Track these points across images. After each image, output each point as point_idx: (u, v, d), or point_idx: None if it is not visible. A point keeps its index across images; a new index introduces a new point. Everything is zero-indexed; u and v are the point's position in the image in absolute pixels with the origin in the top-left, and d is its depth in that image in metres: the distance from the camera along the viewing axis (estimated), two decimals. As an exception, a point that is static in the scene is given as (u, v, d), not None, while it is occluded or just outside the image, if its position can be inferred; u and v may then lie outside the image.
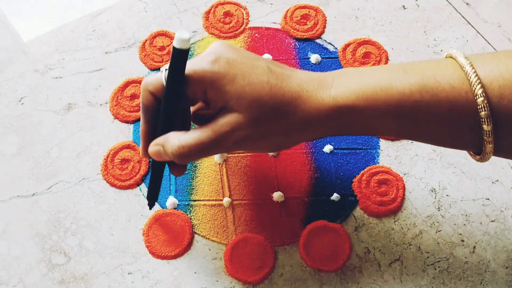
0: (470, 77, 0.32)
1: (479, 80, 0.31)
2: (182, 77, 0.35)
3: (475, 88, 0.31)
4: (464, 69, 0.32)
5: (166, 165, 0.41)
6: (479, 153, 0.34)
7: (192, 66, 0.35)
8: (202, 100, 0.37)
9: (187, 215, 0.46)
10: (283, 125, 0.35)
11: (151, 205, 0.45)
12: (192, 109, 0.41)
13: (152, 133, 0.39)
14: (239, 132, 0.35)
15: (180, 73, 0.35)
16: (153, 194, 0.44)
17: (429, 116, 0.33)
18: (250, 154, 0.49)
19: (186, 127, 0.40)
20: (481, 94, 0.31)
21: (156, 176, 0.42)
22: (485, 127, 0.32)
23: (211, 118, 0.37)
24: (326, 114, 0.35)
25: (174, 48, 0.33)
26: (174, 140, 0.36)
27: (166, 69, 0.36)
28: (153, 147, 0.38)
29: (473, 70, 0.32)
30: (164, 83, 0.35)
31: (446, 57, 0.35)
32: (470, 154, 0.36)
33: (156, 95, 0.37)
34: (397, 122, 0.34)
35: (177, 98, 0.36)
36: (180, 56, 0.34)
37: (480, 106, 0.31)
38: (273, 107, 0.34)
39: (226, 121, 0.35)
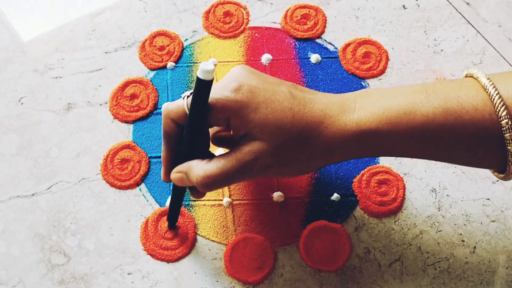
0: (493, 99, 0.32)
1: (502, 102, 0.31)
2: (206, 106, 0.35)
3: (499, 110, 0.31)
4: (487, 90, 0.32)
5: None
6: (502, 172, 0.34)
7: (215, 94, 0.35)
8: (223, 126, 0.37)
9: (191, 213, 0.46)
10: (306, 151, 0.35)
11: (171, 227, 0.45)
12: (211, 131, 0.41)
13: (173, 158, 0.39)
14: (263, 160, 0.35)
15: (204, 102, 0.34)
16: (174, 217, 0.44)
17: (453, 139, 0.33)
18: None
19: (206, 149, 0.40)
20: (505, 116, 0.31)
21: (177, 199, 0.42)
22: (510, 148, 0.32)
23: (230, 140, 0.37)
24: (350, 139, 0.35)
25: (198, 78, 0.33)
26: (198, 170, 0.36)
27: (187, 96, 0.36)
28: (176, 174, 0.38)
29: (496, 91, 0.32)
30: (187, 110, 0.35)
31: (466, 76, 0.35)
32: (493, 172, 0.36)
33: (178, 122, 0.37)
34: (420, 146, 0.34)
35: (200, 126, 0.36)
36: (204, 87, 0.34)
37: (504, 128, 0.31)
38: (297, 134, 0.34)
39: (250, 149, 0.35)
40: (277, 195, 0.47)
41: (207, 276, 0.44)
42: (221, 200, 0.47)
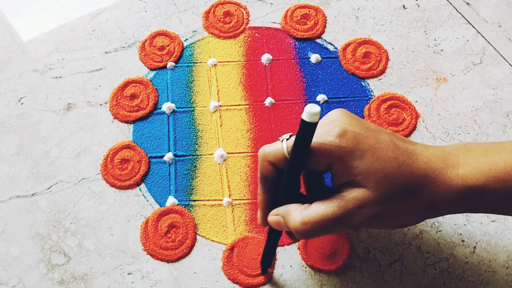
0: None
1: None
2: (308, 150, 0.34)
3: None
4: None
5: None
6: None
7: (317, 139, 0.34)
8: (323, 170, 0.36)
9: (190, 213, 0.46)
10: (411, 204, 0.34)
11: (264, 271, 0.44)
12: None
13: (270, 201, 0.38)
14: (367, 210, 0.33)
15: (306, 145, 0.33)
16: (268, 261, 0.43)
17: None
18: (250, 153, 0.49)
19: (298, 190, 0.38)
20: None
21: (272, 243, 0.41)
22: None
23: (320, 177, 0.37)
24: (455, 194, 0.34)
25: (302, 120, 0.32)
26: (296, 215, 0.35)
27: (286, 139, 0.35)
28: (273, 217, 0.37)
29: None
30: (286, 154, 0.35)
31: None
32: None
33: (276, 166, 0.36)
34: None
35: (300, 170, 0.35)
36: (308, 129, 0.32)
37: None
38: (403, 185, 0.33)
39: (354, 196, 0.33)
40: (277, 195, 0.47)
41: (207, 276, 0.44)
42: (221, 200, 0.47)
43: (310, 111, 0.31)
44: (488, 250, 0.45)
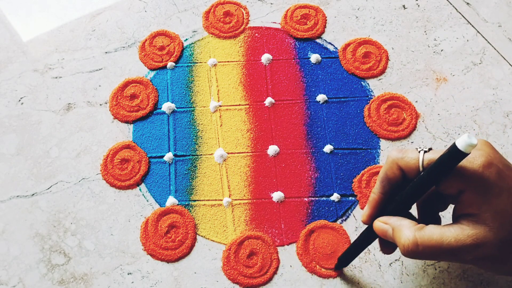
0: None
1: None
2: (446, 175, 0.33)
3: None
4: None
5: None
6: None
7: (461, 163, 0.32)
8: (448, 194, 0.34)
9: (190, 213, 0.46)
10: None
11: (338, 267, 0.43)
12: None
13: (383, 204, 0.37)
14: (484, 250, 0.32)
15: (447, 170, 0.32)
16: (348, 259, 0.42)
17: None
18: (250, 153, 0.49)
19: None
20: None
21: (362, 244, 0.40)
22: None
23: (438, 202, 0.36)
24: None
25: (455, 147, 0.30)
26: (409, 233, 0.33)
27: (424, 151, 0.34)
28: (382, 225, 0.36)
29: None
30: (421, 167, 0.34)
31: None
32: None
33: (404, 172, 0.35)
34: None
35: (429, 188, 0.34)
36: (457, 158, 0.31)
37: None
38: None
39: (475, 233, 0.32)
40: (277, 195, 0.47)
41: (207, 276, 0.44)
42: (221, 200, 0.47)
43: (468, 142, 0.30)
44: (488, 250, 0.45)
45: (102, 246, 0.45)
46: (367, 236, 0.39)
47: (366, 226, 0.39)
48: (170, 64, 0.53)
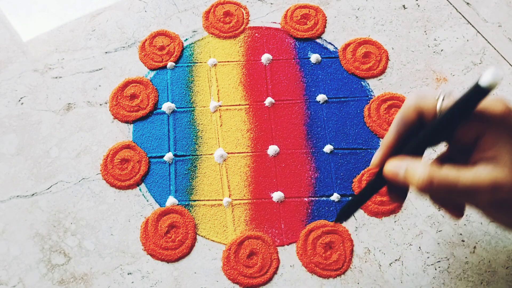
0: None
1: None
2: (467, 116, 0.32)
3: None
4: None
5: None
6: None
7: (483, 105, 0.31)
8: (462, 143, 0.34)
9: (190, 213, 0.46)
10: None
11: (339, 220, 0.40)
12: None
13: (396, 147, 0.35)
14: (501, 192, 0.31)
15: (468, 111, 0.31)
16: (350, 212, 0.39)
17: None
18: (250, 153, 0.49)
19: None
20: None
21: (366, 195, 0.38)
22: None
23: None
24: None
25: (477, 85, 0.29)
26: (423, 169, 0.32)
27: (443, 96, 0.33)
28: (394, 164, 0.34)
29: None
30: (438, 111, 0.33)
31: None
32: None
33: (422, 116, 0.34)
34: None
35: (446, 132, 0.33)
36: (480, 95, 0.30)
37: None
38: None
39: (493, 174, 0.31)
40: (277, 195, 0.47)
41: (207, 276, 0.44)
42: (221, 200, 0.47)
43: (495, 75, 0.28)
44: (488, 250, 0.45)
45: (102, 246, 0.45)
46: (374, 184, 0.37)
47: (374, 174, 0.37)
48: (170, 64, 0.53)
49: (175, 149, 0.49)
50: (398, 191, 0.36)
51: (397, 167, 0.34)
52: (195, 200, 0.47)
